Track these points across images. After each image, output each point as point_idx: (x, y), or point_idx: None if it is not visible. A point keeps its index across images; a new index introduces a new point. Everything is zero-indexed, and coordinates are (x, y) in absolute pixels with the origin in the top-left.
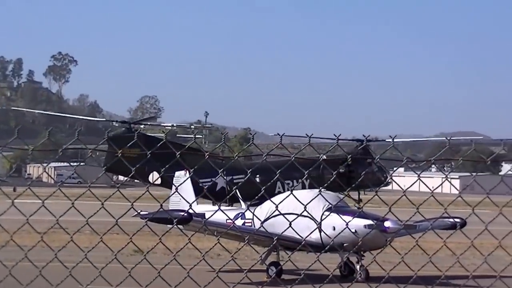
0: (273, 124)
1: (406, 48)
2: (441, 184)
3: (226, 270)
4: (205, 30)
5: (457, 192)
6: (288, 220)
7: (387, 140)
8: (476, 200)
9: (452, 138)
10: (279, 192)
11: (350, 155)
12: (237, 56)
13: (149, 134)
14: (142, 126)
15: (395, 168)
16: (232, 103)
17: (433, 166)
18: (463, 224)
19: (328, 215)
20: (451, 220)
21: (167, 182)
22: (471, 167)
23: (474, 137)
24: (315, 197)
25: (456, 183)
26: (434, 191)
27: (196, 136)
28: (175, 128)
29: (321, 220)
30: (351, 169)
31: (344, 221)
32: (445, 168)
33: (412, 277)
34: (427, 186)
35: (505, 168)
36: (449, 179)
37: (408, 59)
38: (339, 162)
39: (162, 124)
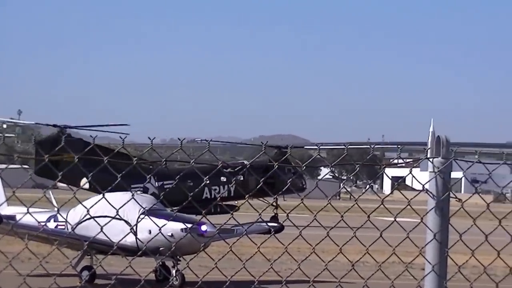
0: (88, 122)
1: (228, 49)
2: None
3: (36, 275)
4: (19, 25)
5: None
6: (100, 224)
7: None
8: (293, 204)
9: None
10: (206, 198)
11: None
12: (50, 53)
13: (81, 139)
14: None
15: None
16: (48, 101)
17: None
18: (280, 228)
19: (144, 218)
20: (267, 224)
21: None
22: None
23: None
24: (129, 200)
25: None
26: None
27: (7, 135)
28: None
29: (136, 223)
30: (271, 175)
31: (157, 225)
32: None
33: (226, 282)
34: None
35: (324, 172)
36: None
37: (228, 61)
38: (262, 168)
39: None
